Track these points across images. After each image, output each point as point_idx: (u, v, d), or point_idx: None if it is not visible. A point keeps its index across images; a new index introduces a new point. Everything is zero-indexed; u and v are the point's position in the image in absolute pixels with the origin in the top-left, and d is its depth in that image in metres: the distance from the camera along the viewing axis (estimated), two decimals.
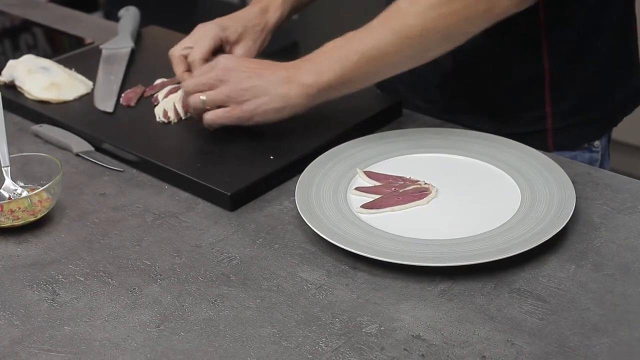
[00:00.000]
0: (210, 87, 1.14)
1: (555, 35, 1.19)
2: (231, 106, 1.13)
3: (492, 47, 1.23)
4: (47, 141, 1.25)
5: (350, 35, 1.11)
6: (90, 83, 1.38)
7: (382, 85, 1.45)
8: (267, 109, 1.12)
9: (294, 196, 1.05)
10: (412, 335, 0.85)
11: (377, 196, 1.06)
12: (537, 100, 1.24)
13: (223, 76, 1.13)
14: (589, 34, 1.20)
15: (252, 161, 1.14)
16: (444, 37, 1.08)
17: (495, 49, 1.23)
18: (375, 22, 1.10)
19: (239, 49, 1.30)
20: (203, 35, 1.29)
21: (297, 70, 1.12)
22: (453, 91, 1.30)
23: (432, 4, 1.05)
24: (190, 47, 1.27)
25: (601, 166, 1.30)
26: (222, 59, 1.17)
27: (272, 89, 1.11)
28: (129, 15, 1.60)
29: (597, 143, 1.29)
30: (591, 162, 1.28)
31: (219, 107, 1.14)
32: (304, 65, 1.12)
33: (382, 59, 1.09)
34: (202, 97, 1.14)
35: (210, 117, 1.14)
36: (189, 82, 1.18)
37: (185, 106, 1.23)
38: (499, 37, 1.20)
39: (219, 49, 1.30)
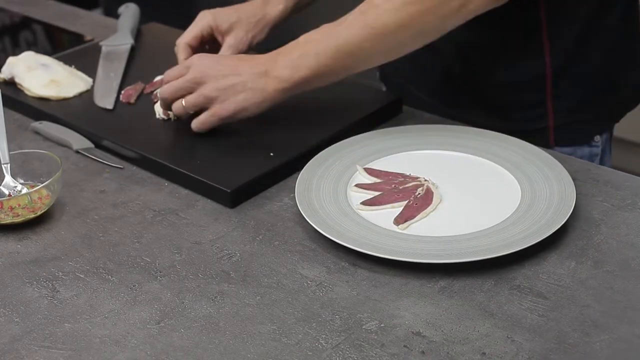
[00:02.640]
0: (189, 91, 1.15)
1: (556, 31, 1.19)
2: (213, 108, 1.14)
3: (494, 43, 1.22)
4: (47, 138, 1.25)
5: (326, 29, 1.12)
6: (90, 80, 1.38)
7: (386, 78, 1.45)
8: (247, 105, 1.13)
9: (294, 193, 1.05)
10: (412, 332, 0.85)
11: (377, 193, 1.06)
12: (539, 97, 1.24)
13: (200, 78, 1.14)
14: (591, 30, 1.20)
15: (252, 158, 1.13)
16: (419, 32, 1.09)
17: (497, 45, 1.23)
18: (351, 17, 1.10)
19: (229, 39, 1.30)
20: (196, 21, 1.31)
21: (274, 64, 1.12)
22: (456, 86, 1.30)
23: (406, 1, 1.05)
24: None
25: (601, 161, 1.29)
26: (195, 58, 1.17)
27: (249, 84, 1.12)
28: (129, 12, 1.60)
29: (597, 138, 1.28)
30: (591, 157, 1.28)
31: (201, 109, 1.15)
32: (279, 59, 1.12)
33: (357, 54, 1.10)
34: (182, 102, 1.15)
35: (196, 125, 1.16)
36: (165, 88, 1.17)
37: (165, 112, 1.24)
38: (500, 33, 1.20)
39: (210, 38, 1.32)
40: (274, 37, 1.37)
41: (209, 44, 1.33)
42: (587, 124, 1.26)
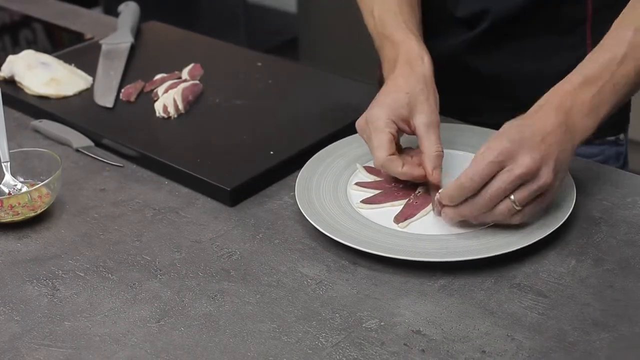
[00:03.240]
0: (515, 187, 0.92)
1: (600, 25, 1.16)
2: (544, 197, 0.94)
3: (539, 38, 1.21)
4: (47, 136, 1.25)
5: (602, 61, 0.98)
6: (90, 78, 1.38)
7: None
8: (567, 169, 0.97)
9: (294, 191, 1.05)
10: (412, 331, 0.85)
11: (377, 191, 1.06)
12: None
13: (531, 168, 0.91)
14: None
15: (252, 156, 1.13)
16: None
17: (540, 40, 1.21)
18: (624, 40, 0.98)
19: (420, 118, 1.03)
20: (376, 129, 1.03)
21: (571, 120, 0.95)
22: (479, 86, 1.27)
23: None
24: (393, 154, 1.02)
25: (625, 161, 1.28)
26: (502, 142, 0.91)
27: (567, 150, 0.94)
28: (129, 11, 1.59)
29: (622, 136, 1.27)
30: (618, 156, 1.27)
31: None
32: (573, 112, 0.95)
33: None
34: (512, 197, 0.92)
35: (524, 217, 0.94)
36: (482, 198, 0.92)
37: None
38: (545, 26, 1.19)
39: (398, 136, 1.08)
40: (274, 34, 1.37)
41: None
42: (613, 118, 1.22)
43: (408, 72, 1.06)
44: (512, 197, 0.91)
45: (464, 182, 0.92)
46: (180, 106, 1.25)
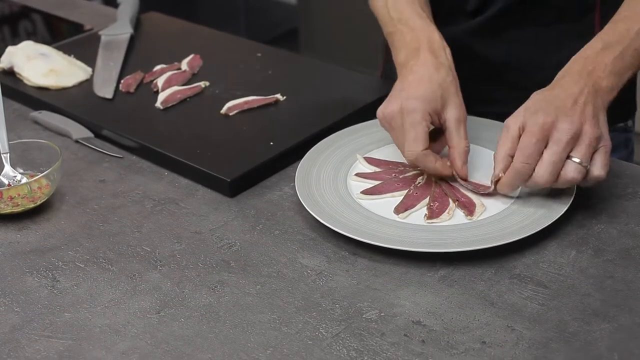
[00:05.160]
0: (568, 151, 0.94)
1: (607, 13, 1.15)
2: (602, 145, 0.95)
3: (547, 30, 1.21)
4: (47, 128, 1.25)
5: (622, 30, 1.01)
6: (89, 69, 1.37)
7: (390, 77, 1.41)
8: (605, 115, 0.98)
9: (294, 182, 1.05)
10: (413, 321, 0.85)
11: (377, 182, 1.06)
12: None
13: (571, 134, 0.93)
14: None
15: (252, 147, 1.13)
16: None
17: (550, 31, 1.21)
18: None
19: (451, 113, 1.04)
20: (412, 123, 1.01)
21: (597, 80, 0.97)
22: (492, 78, 1.27)
23: None
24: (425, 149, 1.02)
25: (632, 148, 1.28)
26: (539, 118, 0.94)
27: (597, 102, 0.96)
28: (128, 2, 1.59)
29: (630, 122, 1.27)
30: (627, 142, 1.27)
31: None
32: (596, 71, 0.98)
33: None
34: (576, 159, 0.93)
35: (604, 170, 0.95)
36: (543, 167, 0.94)
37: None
38: (556, 16, 1.19)
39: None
40: (274, 25, 1.37)
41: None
42: (618, 103, 1.21)
43: (435, 62, 1.05)
44: (575, 159, 0.93)
45: (520, 168, 0.94)
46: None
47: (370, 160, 1.10)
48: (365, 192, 1.04)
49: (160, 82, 1.30)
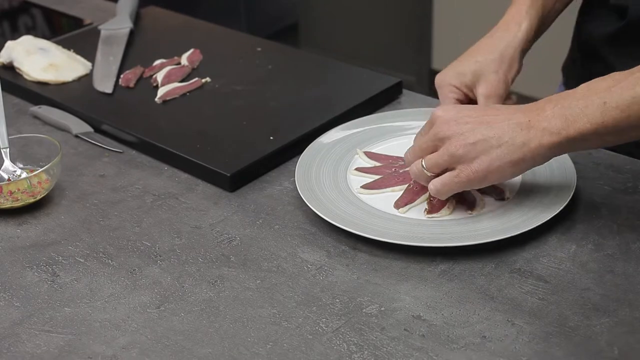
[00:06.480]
0: (432, 150, 0.95)
1: None
2: (458, 168, 0.92)
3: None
4: (46, 122, 1.25)
5: (617, 76, 0.89)
6: (89, 64, 1.37)
7: None
8: (501, 164, 0.90)
9: (294, 177, 1.05)
10: (413, 316, 0.85)
11: (377, 176, 1.06)
12: None
13: (442, 133, 0.93)
14: None
15: (252, 142, 1.13)
16: None
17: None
18: None
19: (481, 89, 1.07)
20: (442, 94, 1.09)
21: (540, 113, 0.90)
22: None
23: None
24: None
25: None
26: (438, 112, 0.95)
27: (506, 137, 0.90)
28: None
29: None
30: None
31: (444, 170, 0.94)
32: (548, 107, 0.90)
33: None
34: (422, 163, 0.95)
35: (435, 186, 0.94)
36: (408, 151, 0.99)
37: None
38: None
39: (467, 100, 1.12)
40: (275, 19, 1.36)
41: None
42: None
43: (493, 39, 1.10)
44: (423, 162, 0.95)
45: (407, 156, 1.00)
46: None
47: (371, 155, 1.10)
48: (366, 186, 1.04)
49: (160, 76, 1.30)
